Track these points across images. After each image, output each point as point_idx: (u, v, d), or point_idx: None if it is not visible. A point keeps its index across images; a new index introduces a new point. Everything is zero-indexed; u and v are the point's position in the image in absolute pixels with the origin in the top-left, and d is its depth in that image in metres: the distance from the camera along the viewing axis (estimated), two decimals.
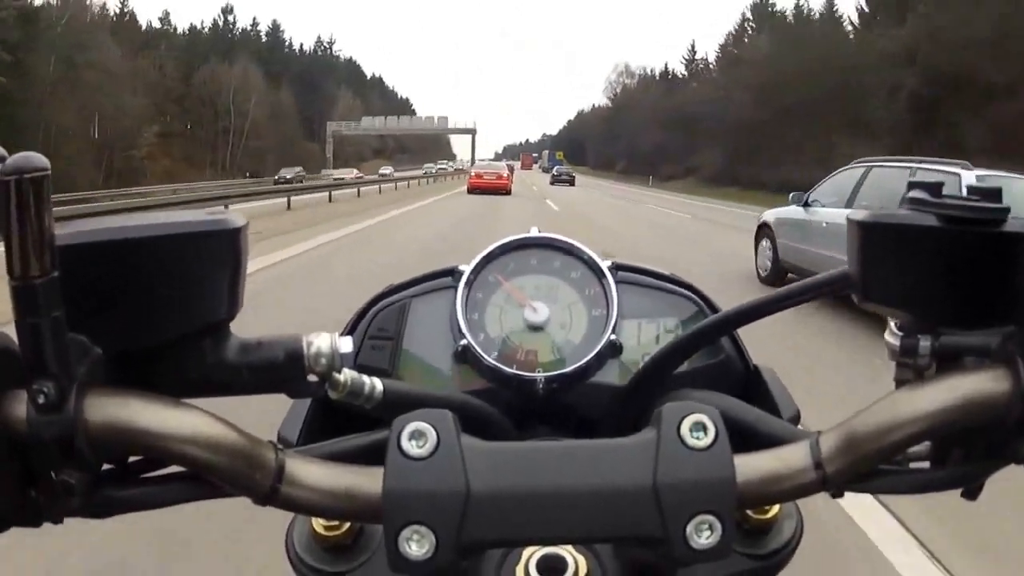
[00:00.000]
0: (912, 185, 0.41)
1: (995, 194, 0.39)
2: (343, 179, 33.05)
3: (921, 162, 6.92)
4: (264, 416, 0.60)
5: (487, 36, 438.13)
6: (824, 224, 7.17)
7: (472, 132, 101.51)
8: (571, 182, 50.73)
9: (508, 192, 28.23)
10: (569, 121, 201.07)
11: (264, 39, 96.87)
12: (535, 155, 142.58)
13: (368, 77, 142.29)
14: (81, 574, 2.19)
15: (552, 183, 49.80)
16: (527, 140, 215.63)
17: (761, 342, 0.77)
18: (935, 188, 0.40)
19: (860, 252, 0.40)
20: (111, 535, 2.29)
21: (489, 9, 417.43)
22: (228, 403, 0.39)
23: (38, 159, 0.32)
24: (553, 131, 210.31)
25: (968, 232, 0.38)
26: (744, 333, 0.58)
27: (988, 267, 0.38)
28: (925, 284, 0.39)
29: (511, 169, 34.29)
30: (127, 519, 0.39)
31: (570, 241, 0.63)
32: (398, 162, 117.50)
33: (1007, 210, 0.38)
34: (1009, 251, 0.38)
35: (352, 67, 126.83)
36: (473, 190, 28.03)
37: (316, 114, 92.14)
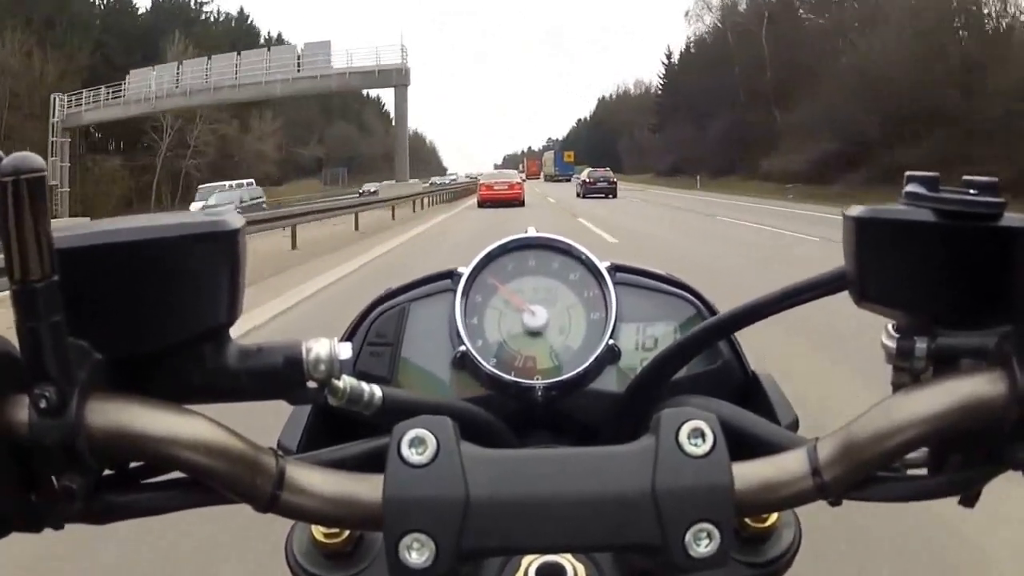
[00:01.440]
0: (910, 179, 0.40)
1: (992, 187, 0.38)
2: None
3: None
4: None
5: (481, 35, 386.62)
6: None
7: (399, 82, 46.47)
8: (611, 192, 33.20)
9: (521, 203, 26.31)
10: (579, 121, 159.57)
11: None
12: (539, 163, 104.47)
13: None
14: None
15: (584, 195, 33.04)
16: (529, 147, 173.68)
17: None
18: (932, 181, 0.39)
19: (856, 249, 0.40)
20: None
21: (485, 8, 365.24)
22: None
23: (35, 160, 0.31)
24: (560, 134, 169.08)
25: (965, 227, 0.38)
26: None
27: (985, 263, 0.38)
28: (922, 281, 0.39)
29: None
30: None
31: (568, 242, 0.62)
32: (331, 184, 71.99)
33: (1004, 204, 0.37)
34: (1006, 246, 0.38)
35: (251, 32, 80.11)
36: (484, 203, 26.30)
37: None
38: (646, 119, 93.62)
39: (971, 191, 0.38)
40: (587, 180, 35.62)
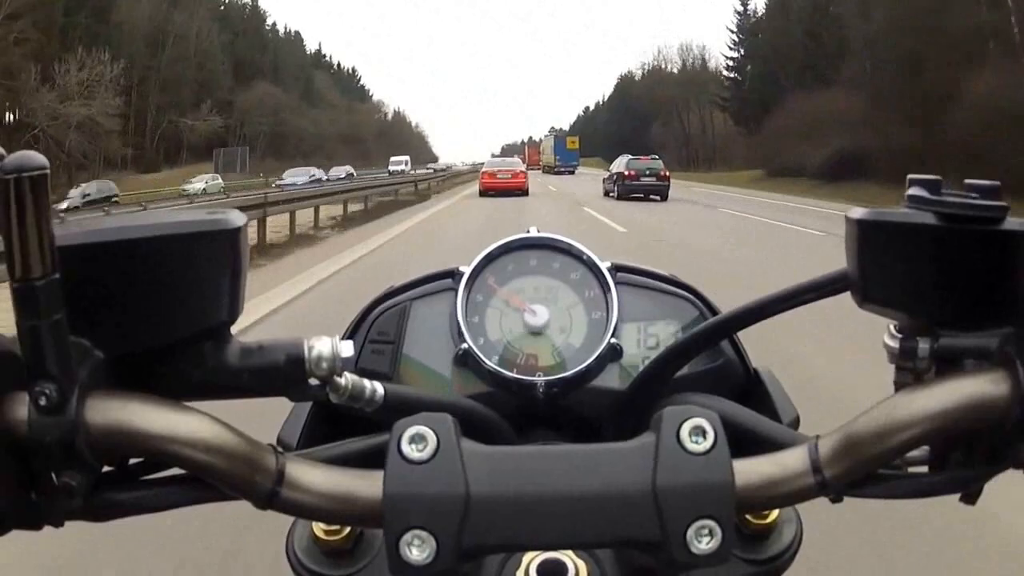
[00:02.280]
0: (912, 182, 0.40)
1: (994, 191, 0.38)
2: None
3: None
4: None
5: (477, 20, 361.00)
6: None
7: None
8: (659, 193, 22.92)
9: (525, 192, 25.00)
10: (587, 109, 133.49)
11: None
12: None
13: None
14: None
15: (620, 194, 23.26)
16: (529, 137, 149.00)
17: None
18: (934, 185, 0.39)
19: (859, 251, 0.40)
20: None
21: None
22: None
23: (38, 158, 0.32)
24: (564, 123, 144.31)
25: (967, 230, 0.38)
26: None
27: (987, 266, 0.38)
28: (924, 283, 0.39)
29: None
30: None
31: (569, 241, 0.62)
32: (228, 171, 46.49)
33: (1006, 208, 0.38)
34: (1008, 249, 0.38)
35: None
36: (486, 192, 24.89)
37: None
38: (697, 95, 67.55)
39: (973, 195, 0.38)
40: (626, 173, 23.10)
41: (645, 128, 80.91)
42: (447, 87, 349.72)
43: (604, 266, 0.61)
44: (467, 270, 0.61)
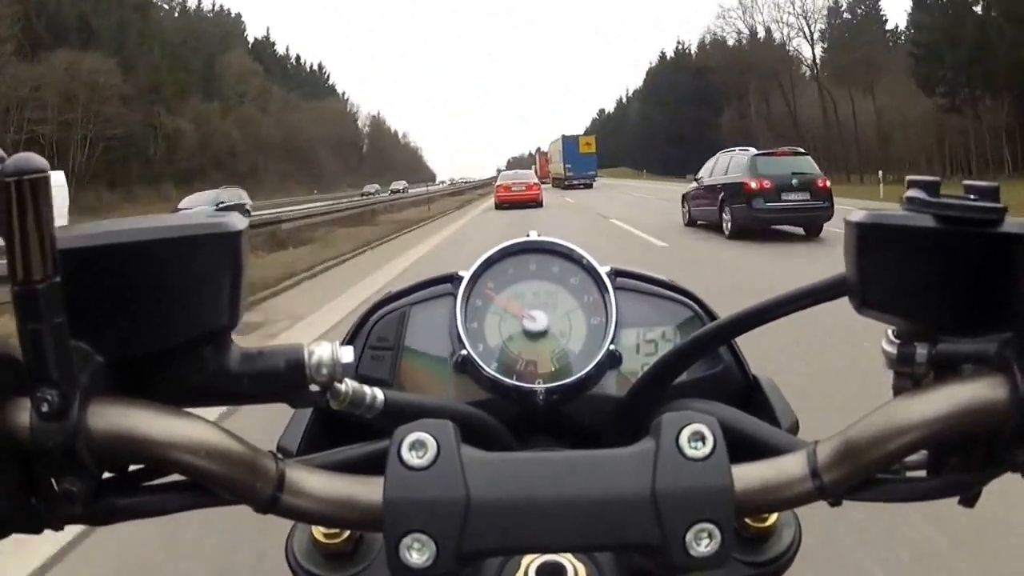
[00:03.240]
0: (911, 184, 0.40)
1: (992, 192, 0.38)
2: None
3: None
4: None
5: (480, 26, 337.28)
6: None
7: None
8: (807, 224, 11.60)
9: (539, 204, 25.46)
10: (601, 112, 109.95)
11: None
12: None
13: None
14: None
15: (737, 223, 11.77)
16: (537, 148, 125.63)
17: None
18: (932, 186, 0.39)
19: (857, 255, 0.40)
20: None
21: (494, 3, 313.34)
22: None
23: (38, 160, 0.32)
24: (576, 129, 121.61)
25: (965, 232, 0.38)
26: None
27: (985, 269, 0.38)
28: (922, 287, 0.39)
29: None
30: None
31: (568, 246, 0.62)
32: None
33: (1004, 209, 0.38)
34: (1006, 252, 0.38)
35: None
36: (501, 204, 25.48)
37: None
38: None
39: (972, 197, 0.39)
40: (754, 184, 11.31)
41: (708, 118, 56.11)
42: (445, 97, 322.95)
43: (603, 271, 0.61)
44: (466, 275, 0.61)
